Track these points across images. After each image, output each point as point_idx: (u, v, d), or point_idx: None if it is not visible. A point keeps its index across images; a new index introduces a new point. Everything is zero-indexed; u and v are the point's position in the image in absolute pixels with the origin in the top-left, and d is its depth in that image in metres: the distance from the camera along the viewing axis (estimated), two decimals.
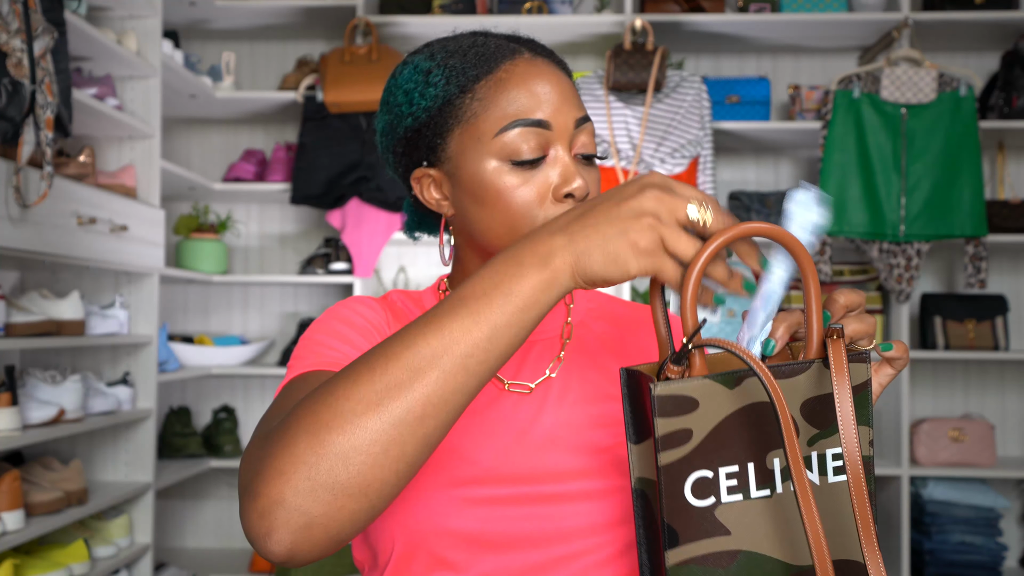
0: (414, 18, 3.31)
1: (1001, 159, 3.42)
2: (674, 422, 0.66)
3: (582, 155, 0.90)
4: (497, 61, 0.89)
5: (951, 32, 3.32)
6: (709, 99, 3.19)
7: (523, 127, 0.87)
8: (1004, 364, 3.47)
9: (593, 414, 0.91)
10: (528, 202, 0.88)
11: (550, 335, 0.97)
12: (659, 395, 0.65)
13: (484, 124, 0.88)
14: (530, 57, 0.90)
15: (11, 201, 2.02)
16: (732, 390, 0.67)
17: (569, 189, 0.87)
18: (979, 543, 3.07)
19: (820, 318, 0.70)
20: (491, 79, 0.88)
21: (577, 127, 0.89)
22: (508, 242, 0.89)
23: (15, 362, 2.68)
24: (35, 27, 2.00)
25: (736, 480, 0.67)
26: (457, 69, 0.89)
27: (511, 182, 0.87)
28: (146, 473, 2.78)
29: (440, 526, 0.85)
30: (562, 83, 0.90)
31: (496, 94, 0.88)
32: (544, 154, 0.88)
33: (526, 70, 0.89)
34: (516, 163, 0.87)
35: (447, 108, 0.89)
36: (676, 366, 0.68)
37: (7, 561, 2.13)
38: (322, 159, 3.20)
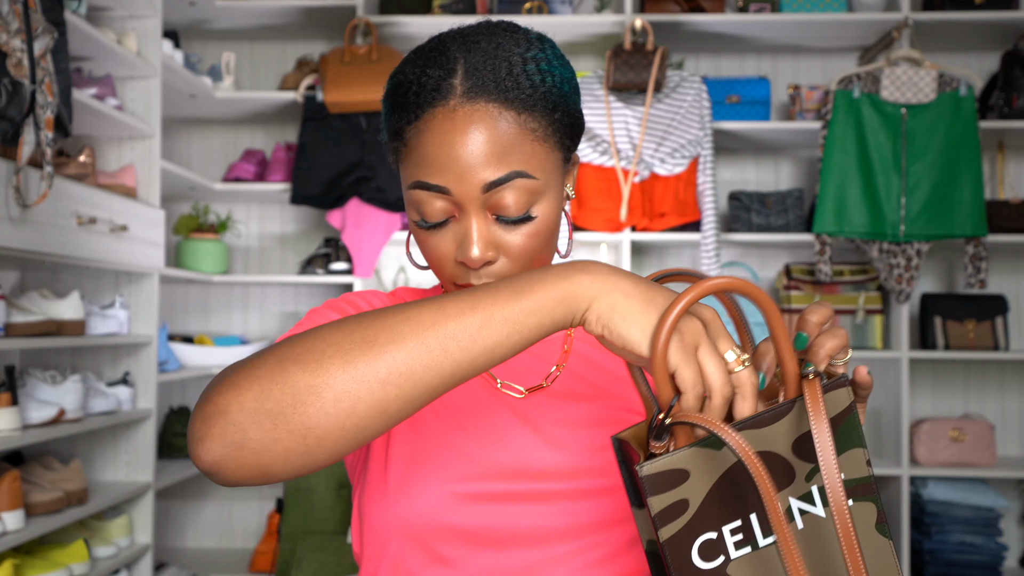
0: (414, 18, 3.31)
1: (1001, 159, 3.42)
2: (668, 496, 0.65)
3: (502, 217, 0.85)
4: (423, 108, 0.84)
5: (951, 32, 3.32)
6: (709, 99, 3.19)
7: (423, 190, 0.84)
8: (1004, 364, 3.47)
9: (590, 414, 0.91)
10: (436, 257, 0.88)
11: (550, 338, 0.97)
12: (647, 475, 0.64)
13: (404, 172, 0.87)
14: (457, 104, 0.83)
15: (11, 201, 2.02)
16: (720, 451, 0.66)
17: (462, 258, 0.85)
18: (979, 543, 3.07)
19: (792, 359, 0.69)
20: (414, 128, 0.85)
21: (488, 191, 0.83)
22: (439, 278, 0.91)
23: (15, 362, 2.68)
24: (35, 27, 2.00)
25: (741, 534, 0.67)
26: (395, 106, 0.87)
27: (421, 235, 0.88)
28: (146, 473, 2.78)
29: (437, 522, 0.85)
30: (481, 137, 0.82)
31: (414, 147, 0.85)
32: (447, 217, 0.85)
33: (441, 124, 0.83)
34: (419, 223, 0.87)
35: (390, 140, 0.89)
36: (658, 442, 0.67)
37: (7, 561, 2.13)
38: (322, 159, 3.20)
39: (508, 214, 0.84)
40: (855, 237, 3.12)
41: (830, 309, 0.72)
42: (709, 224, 3.13)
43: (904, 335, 3.18)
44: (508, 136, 0.83)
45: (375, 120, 3.19)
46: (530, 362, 0.95)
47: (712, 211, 3.13)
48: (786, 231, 3.26)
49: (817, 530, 0.68)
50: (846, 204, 3.11)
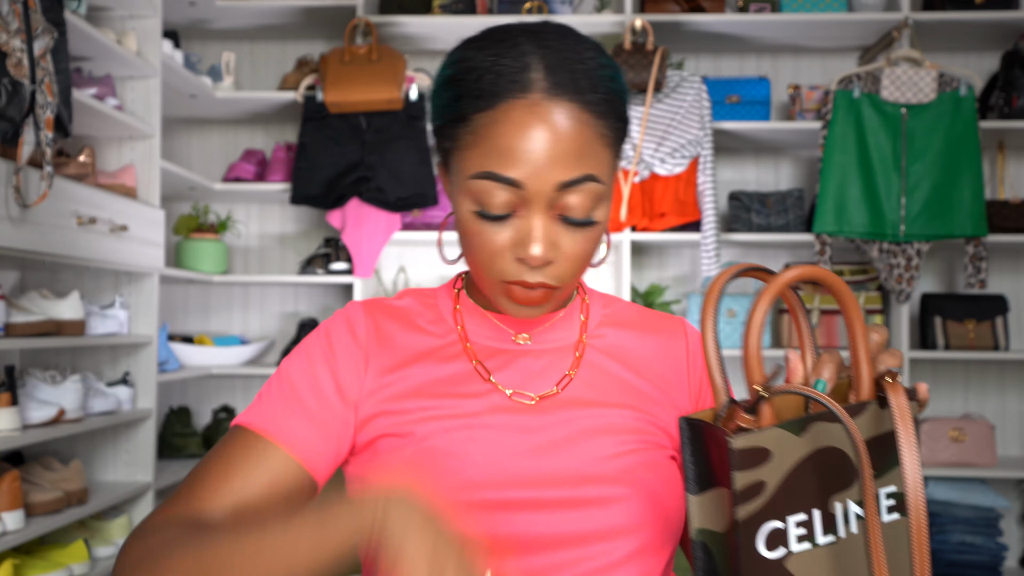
0: (414, 18, 3.31)
1: (1001, 159, 3.42)
2: (750, 475, 0.65)
3: (568, 218, 0.85)
4: (501, 97, 0.83)
5: (951, 32, 3.32)
6: (709, 99, 3.19)
7: (493, 181, 0.83)
8: (1004, 364, 3.47)
9: (599, 422, 0.91)
10: (488, 251, 0.86)
11: (561, 344, 0.97)
12: (737, 448, 0.65)
13: (467, 160, 0.85)
14: (540, 98, 0.82)
15: (11, 201, 2.02)
16: (800, 437, 0.67)
17: (523, 254, 0.84)
18: (979, 543, 3.07)
19: (869, 360, 0.70)
20: (487, 116, 0.83)
21: (561, 189, 0.83)
22: (475, 273, 0.90)
23: (15, 362, 2.68)
24: (35, 27, 2.00)
25: (804, 528, 0.67)
26: (464, 91, 0.85)
27: (476, 227, 0.85)
28: (146, 473, 2.78)
29: None
30: (562, 134, 0.82)
31: (484, 135, 0.83)
32: (511, 212, 0.84)
33: (523, 116, 0.82)
34: (480, 213, 0.85)
35: (449, 127, 0.87)
36: (749, 415, 0.67)
37: (7, 561, 2.13)
38: (322, 159, 3.20)
39: (574, 215, 0.84)
40: (855, 237, 3.12)
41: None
42: (709, 224, 3.13)
43: (904, 335, 3.18)
44: (585, 138, 0.83)
45: (375, 120, 3.19)
46: (542, 370, 0.95)
47: (712, 211, 3.13)
48: (786, 231, 3.26)
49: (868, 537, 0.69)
50: (846, 204, 3.11)
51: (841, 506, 0.68)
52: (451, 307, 0.98)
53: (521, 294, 0.87)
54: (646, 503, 0.88)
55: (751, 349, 0.67)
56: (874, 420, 0.69)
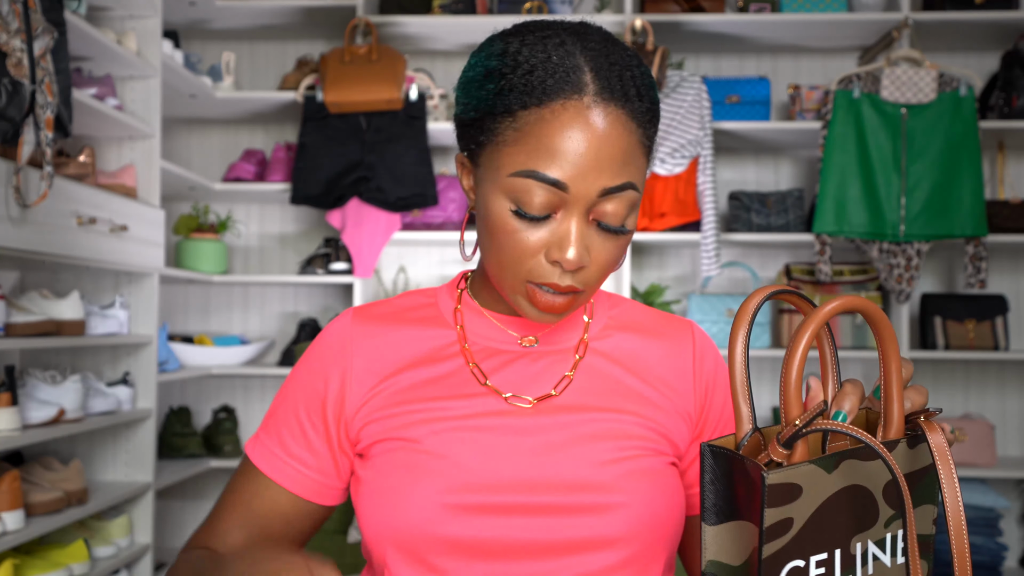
0: (414, 18, 3.31)
1: (1001, 159, 3.42)
2: (781, 511, 0.63)
3: (602, 224, 0.84)
4: (552, 96, 0.81)
5: (951, 32, 3.32)
6: (709, 99, 3.19)
7: (536, 180, 0.81)
8: (1004, 364, 3.47)
9: (598, 427, 0.89)
10: (520, 250, 0.84)
11: (564, 346, 0.95)
12: (772, 484, 0.62)
13: (508, 157, 0.83)
14: (591, 102, 0.81)
15: (11, 201, 2.02)
16: (831, 474, 0.65)
17: (558, 257, 0.83)
18: (979, 543, 3.07)
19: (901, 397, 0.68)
20: (536, 113, 0.81)
21: (603, 196, 0.82)
22: (495, 272, 0.88)
23: (15, 362, 2.68)
24: (35, 27, 2.00)
25: (824, 568, 0.65)
26: (511, 86, 0.82)
27: (511, 225, 0.83)
28: (146, 473, 2.78)
29: (431, 533, 0.84)
30: (610, 142, 0.81)
31: (531, 132, 0.82)
32: (551, 213, 0.83)
33: (574, 118, 0.81)
34: (518, 212, 0.83)
35: (488, 120, 0.84)
36: (785, 450, 0.65)
37: (7, 561, 2.13)
38: (322, 159, 3.20)
39: (610, 222, 0.84)
40: (855, 237, 3.12)
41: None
42: (709, 224, 3.13)
43: (904, 335, 3.18)
44: (630, 146, 0.83)
45: (375, 120, 3.19)
46: (541, 372, 0.93)
47: (712, 211, 3.13)
48: (786, 231, 3.26)
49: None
50: (846, 204, 3.11)
51: (861, 548, 0.67)
52: (451, 307, 0.97)
53: (545, 300, 0.85)
54: (641, 512, 0.86)
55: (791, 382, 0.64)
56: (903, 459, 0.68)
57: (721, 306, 3.22)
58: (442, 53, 3.64)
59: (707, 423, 0.98)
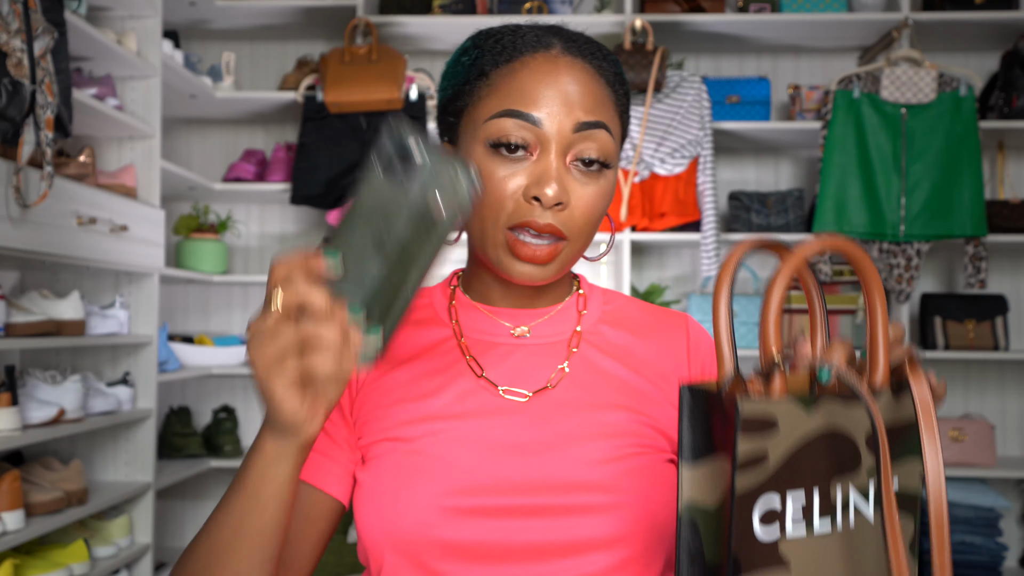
0: (414, 18, 3.31)
1: (1001, 159, 3.42)
2: (755, 443, 0.62)
3: (581, 161, 0.86)
4: (520, 51, 0.87)
5: (951, 32, 3.32)
6: (709, 99, 3.19)
7: (512, 118, 0.84)
8: (1004, 364, 3.47)
9: (594, 425, 0.88)
10: (499, 194, 0.85)
11: (558, 339, 0.95)
12: (745, 412, 0.62)
13: (483, 108, 0.87)
14: (558, 53, 0.87)
15: (11, 201, 2.02)
16: (809, 414, 0.64)
17: (537, 191, 0.84)
18: (979, 543, 3.07)
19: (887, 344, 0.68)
20: (507, 68, 0.87)
21: (577, 131, 0.85)
22: (477, 234, 0.88)
23: (15, 362, 2.68)
24: (35, 27, 2.00)
25: (801, 509, 0.65)
26: (483, 52, 0.89)
27: (489, 168, 0.85)
28: (146, 473, 2.78)
29: (429, 536, 0.83)
30: (580, 84, 0.86)
31: (504, 82, 0.86)
32: (528, 148, 0.85)
33: (543, 65, 0.86)
34: (496, 146, 0.85)
35: (465, 88, 0.89)
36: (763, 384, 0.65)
37: (7, 561, 2.13)
38: (322, 159, 3.20)
39: (587, 159, 0.86)
40: (855, 237, 3.12)
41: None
42: (709, 224, 3.13)
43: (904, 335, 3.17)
44: (600, 94, 0.88)
45: (375, 120, 3.19)
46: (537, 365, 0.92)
47: (712, 211, 3.13)
48: (786, 231, 3.26)
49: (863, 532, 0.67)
50: (846, 204, 3.11)
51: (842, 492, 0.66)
52: (445, 304, 0.97)
53: (527, 250, 0.86)
54: (636, 512, 0.85)
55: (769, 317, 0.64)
56: (887, 409, 0.67)
57: None
58: (442, 53, 3.64)
59: None
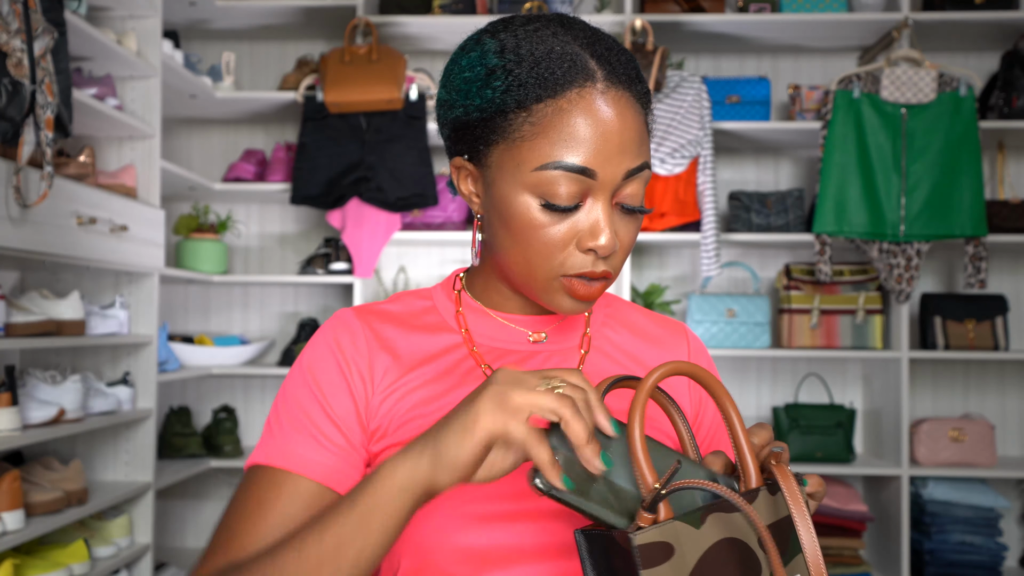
0: (414, 18, 3.31)
1: (1001, 159, 3.42)
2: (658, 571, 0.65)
3: (624, 206, 0.85)
4: (565, 86, 0.81)
5: (951, 32, 3.32)
6: (709, 99, 3.19)
7: (564, 171, 0.81)
8: (1004, 364, 3.47)
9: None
10: (550, 244, 0.84)
11: (568, 345, 0.95)
12: (639, 544, 0.64)
13: (528, 152, 0.82)
14: (604, 87, 0.82)
15: (11, 201, 2.02)
16: (699, 529, 0.67)
17: (592, 244, 0.83)
18: (979, 543, 3.07)
19: (751, 446, 0.72)
20: (552, 104, 0.81)
21: (627, 178, 0.83)
22: (521, 271, 0.86)
23: (15, 362, 2.68)
24: (35, 27, 2.00)
25: None
26: (521, 81, 0.82)
27: (539, 220, 0.83)
28: (146, 473, 2.78)
29: (448, 542, 0.83)
30: (627, 125, 0.82)
31: (550, 124, 0.81)
32: (580, 203, 0.83)
33: (591, 105, 0.81)
34: (547, 206, 0.83)
35: (499, 118, 0.83)
36: (649, 514, 0.67)
37: (7, 561, 2.13)
38: (322, 159, 3.20)
39: (632, 203, 0.85)
40: (855, 237, 3.12)
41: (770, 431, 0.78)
42: (709, 224, 3.13)
43: (904, 335, 3.18)
44: (641, 126, 0.85)
45: (375, 120, 3.19)
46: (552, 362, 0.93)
47: (712, 211, 3.13)
48: (786, 231, 3.26)
49: None
50: (846, 204, 3.11)
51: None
52: (452, 309, 0.95)
53: (583, 289, 0.86)
54: None
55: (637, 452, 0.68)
56: (769, 507, 0.69)
57: (721, 306, 3.22)
58: (442, 53, 3.64)
59: (702, 426, 0.98)
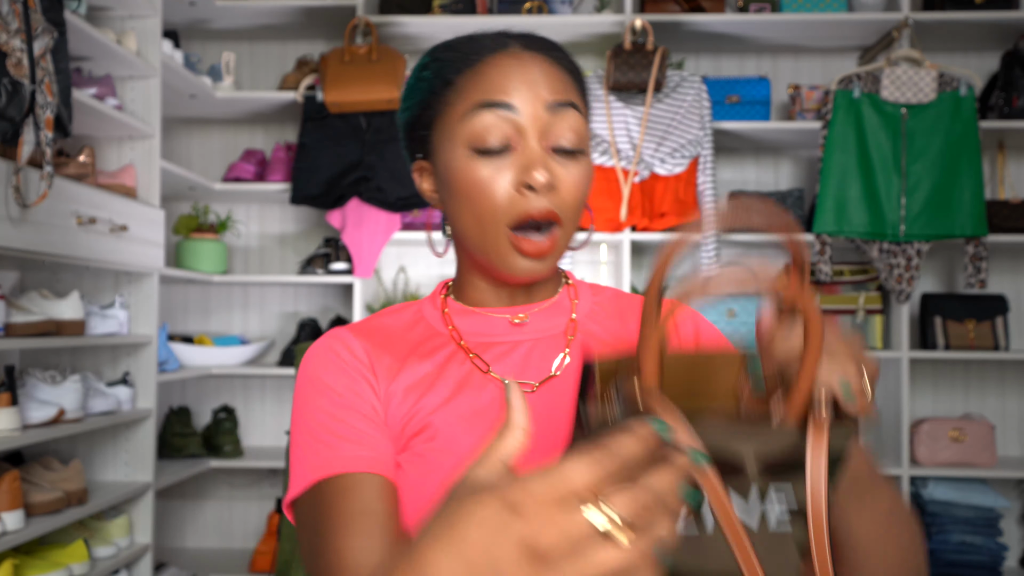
0: (414, 18, 3.31)
1: (1001, 159, 3.42)
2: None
3: (559, 147, 0.88)
4: (482, 54, 0.89)
5: (951, 32, 3.32)
6: (709, 99, 3.19)
7: (486, 109, 0.86)
8: (1004, 364, 3.47)
9: None
10: (491, 192, 0.87)
11: (555, 332, 0.96)
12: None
13: (455, 111, 0.89)
14: (518, 51, 0.90)
15: (11, 201, 2.02)
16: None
17: (527, 179, 0.86)
18: (979, 543, 3.07)
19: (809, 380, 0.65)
20: (471, 71, 0.89)
21: (550, 112, 0.87)
22: (475, 235, 0.89)
23: (15, 362, 2.68)
24: (35, 27, 2.00)
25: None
26: (444, 63, 0.91)
27: (475, 170, 0.87)
28: (146, 473, 2.78)
29: None
30: (544, 70, 0.89)
31: (472, 84, 0.88)
32: (509, 142, 0.87)
33: (506, 61, 0.89)
34: (480, 151, 0.87)
35: (432, 100, 0.91)
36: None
37: (7, 561, 2.13)
38: (322, 159, 3.20)
39: (565, 144, 0.88)
40: (855, 237, 3.12)
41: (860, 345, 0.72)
42: None
43: (904, 335, 3.18)
44: (564, 79, 0.91)
45: (375, 120, 3.19)
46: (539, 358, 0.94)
47: None
48: None
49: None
50: (846, 204, 3.10)
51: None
52: (437, 314, 0.98)
53: (530, 245, 0.88)
54: None
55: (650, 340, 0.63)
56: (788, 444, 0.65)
57: (721, 306, 3.22)
58: None
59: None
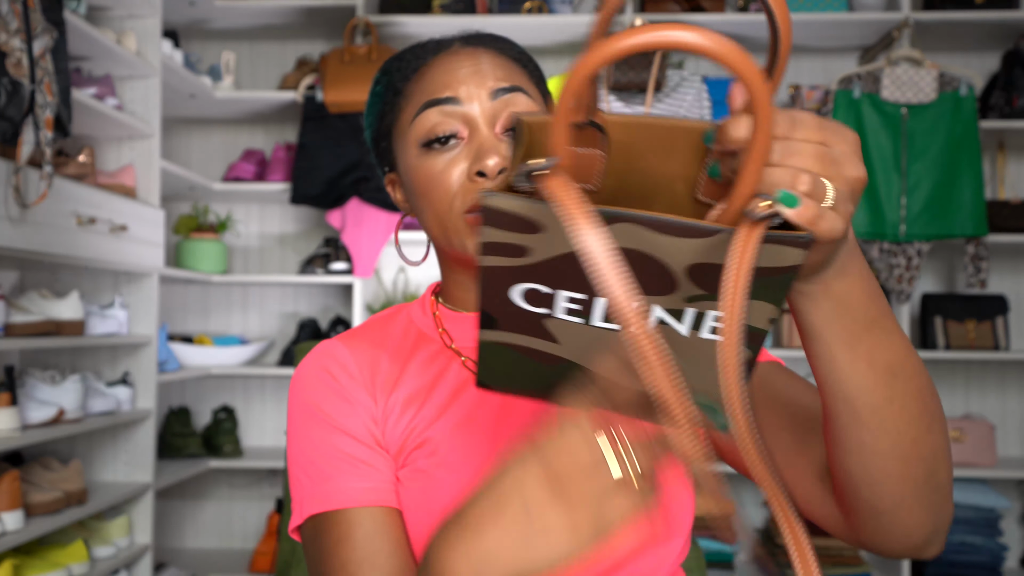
0: (414, 18, 3.31)
1: (1001, 159, 3.42)
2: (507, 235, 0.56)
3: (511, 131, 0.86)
4: (425, 58, 0.90)
5: (951, 32, 3.32)
6: (709, 99, 3.19)
7: (431, 107, 0.86)
8: (1004, 364, 3.47)
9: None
10: (445, 182, 0.86)
11: None
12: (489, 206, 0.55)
13: (405, 116, 0.90)
14: (459, 48, 0.90)
15: (11, 201, 2.02)
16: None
17: (479, 166, 0.83)
18: (979, 543, 3.07)
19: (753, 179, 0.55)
20: (416, 75, 0.90)
21: (496, 98, 0.86)
22: (437, 226, 0.89)
23: (15, 362, 2.68)
24: (35, 27, 2.00)
25: (580, 307, 0.59)
26: (392, 73, 0.92)
27: (428, 167, 0.87)
28: (146, 473, 2.78)
29: None
30: (488, 61, 0.88)
31: (417, 88, 0.89)
32: (456, 132, 0.86)
33: (448, 59, 0.89)
34: (428, 145, 0.86)
35: (386, 111, 0.92)
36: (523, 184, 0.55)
37: (7, 561, 2.13)
38: (322, 159, 3.20)
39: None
40: (855, 237, 3.12)
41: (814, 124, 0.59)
42: None
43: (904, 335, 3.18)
44: (508, 66, 0.90)
45: None
46: None
47: None
48: None
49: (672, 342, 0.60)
50: None
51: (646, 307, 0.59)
52: (427, 320, 0.96)
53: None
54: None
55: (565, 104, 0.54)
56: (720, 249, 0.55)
57: None
58: None
59: None
